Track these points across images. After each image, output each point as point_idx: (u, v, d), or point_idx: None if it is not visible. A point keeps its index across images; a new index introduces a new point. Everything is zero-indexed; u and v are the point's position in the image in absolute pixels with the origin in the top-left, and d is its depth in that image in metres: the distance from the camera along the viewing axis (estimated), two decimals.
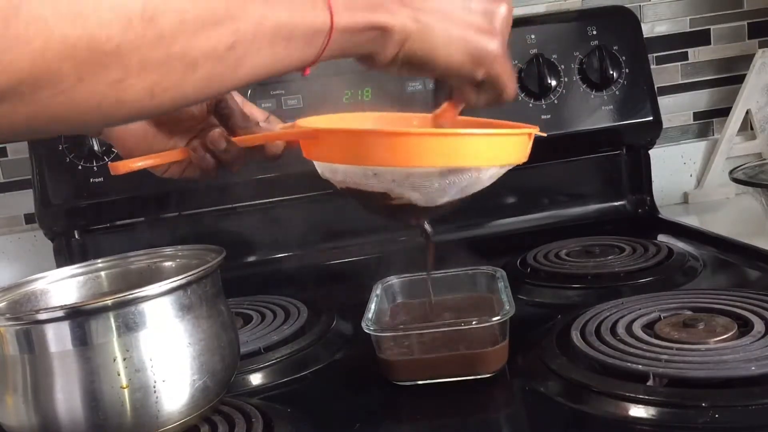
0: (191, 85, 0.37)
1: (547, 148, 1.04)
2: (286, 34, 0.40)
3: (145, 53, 0.34)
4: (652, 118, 1.07)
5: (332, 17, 0.42)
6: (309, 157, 0.57)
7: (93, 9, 0.31)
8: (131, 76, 0.34)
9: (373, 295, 0.72)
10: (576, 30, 1.07)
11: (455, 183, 0.55)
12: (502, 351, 0.63)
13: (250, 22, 0.38)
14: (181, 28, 0.35)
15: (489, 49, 0.49)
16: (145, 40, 0.33)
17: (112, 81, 0.34)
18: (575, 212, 1.11)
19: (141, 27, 0.33)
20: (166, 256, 0.65)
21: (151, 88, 0.35)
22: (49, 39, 0.30)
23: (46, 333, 0.50)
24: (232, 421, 0.58)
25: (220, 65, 0.38)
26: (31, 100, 0.32)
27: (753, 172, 1.01)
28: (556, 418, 0.57)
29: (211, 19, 0.36)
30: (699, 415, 0.51)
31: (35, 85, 0.32)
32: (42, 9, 0.30)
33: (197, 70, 0.37)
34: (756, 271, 0.84)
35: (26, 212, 1.17)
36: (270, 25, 0.39)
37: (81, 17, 0.31)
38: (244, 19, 0.38)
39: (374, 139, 0.53)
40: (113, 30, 0.32)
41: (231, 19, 0.37)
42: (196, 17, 0.35)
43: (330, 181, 0.59)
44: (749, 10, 1.21)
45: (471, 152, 0.53)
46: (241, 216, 1.07)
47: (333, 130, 0.56)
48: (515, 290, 0.74)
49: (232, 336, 0.58)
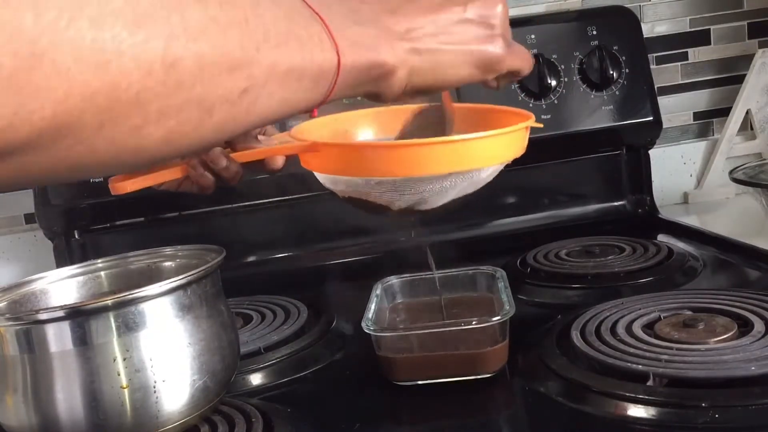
0: (207, 129, 0.37)
1: (547, 148, 1.05)
2: (297, 76, 0.40)
3: (164, 99, 0.34)
4: (652, 118, 1.07)
5: (339, 58, 0.42)
6: (308, 168, 0.58)
7: (115, 56, 0.31)
8: (150, 123, 0.34)
9: (373, 295, 0.72)
10: (576, 30, 1.07)
11: (456, 184, 0.55)
12: (502, 351, 0.63)
13: (263, 66, 0.38)
14: (199, 74, 0.35)
15: (493, 53, 0.49)
16: (165, 87, 0.33)
17: (132, 128, 0.33)
18: (575, 212, 1.11)
19: (162, 73, 0.33)
20: (166, 256, 0.65)
21: (168, 135, 0.35)
22: (71, 88, 0.30)
23: (46, 333, 0.50)
24: (232, 421, 0.58)
25: (234, 109, 0.38)
26: (51, 149, 0.32)
27: (753, 172, 1.01)
28: (556, 418, 0.57)
29: (228, 65, 0.36)
30: (699, 415, 0.51)
31: (57, 135, 0.31)
32: (64, 57, 0.29)
33: (213, 115, 0.37)
34: (756, 271, 0.84)
35: (26, 212, 1.16)
36: (282, 68, 0.39)
37: (103, 65, 0.31)
38: (258, 64, 0.38)
39: (373, 152, 0.53)
40: (134, 77, 0.32)
41: (246, 64, 0.37)
42: (213, 63, 0.35)
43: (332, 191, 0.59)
44: (749, 10, 1.21)
45: (470, 156, 0.52)
46: (241, 216, 1.07)
47: (331, 144, 0.56)
48: (515, 290, 0.74)
49: (232, 336, 0.58)
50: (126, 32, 0.31)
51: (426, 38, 0.47)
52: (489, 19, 0.49)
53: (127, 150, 0.34)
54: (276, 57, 0.39)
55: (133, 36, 0.31)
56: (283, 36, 0.39)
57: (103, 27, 0.30)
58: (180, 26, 0.33)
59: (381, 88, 0.47)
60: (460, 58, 0.48)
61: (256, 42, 0.37)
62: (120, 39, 0.31)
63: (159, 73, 0.33)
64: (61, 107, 0.30)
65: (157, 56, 0.32)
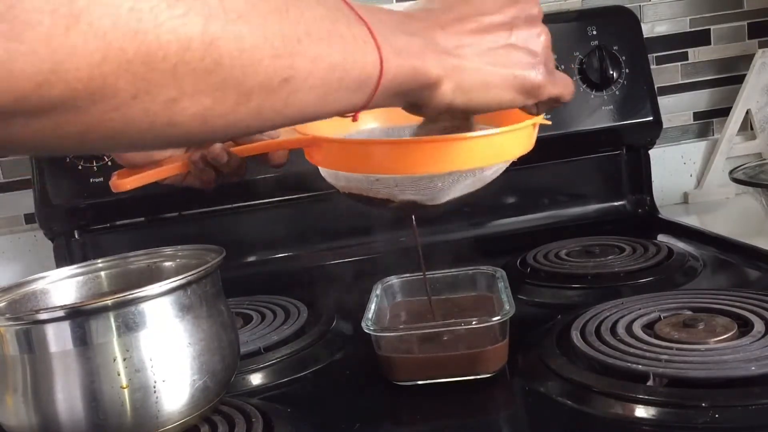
0: (243, 114, 0.37)
1: (547, 148, 1.05)
2: (339, 75, 0.40)
3: (201, 76, 0.34)
4: (652, 118, 1.07)
5: (382, 62, 0.42)
6: (312, 162, 0.57)
7: (153, 26, 0.31)
8: (185, 98, 0.34)
9: (373, 295, 0.72)
10: (576, 30, 1.07)
11: (459, 181, 0.54)
12: (502, 351, 0.63)
13: (306, 58, 0.38)
14: (239, 56, 0.35)
15: (534, 80, 0.49)
16: (203, 63, 0.33)
17: (166, 101, 0.33)
18: (575, 212, 1.11)
19: (200, 50, 0.33)
20: (166, 256, 0.65)
21: (204, 113, 0.35)
22: (107, 52, 0.30)
23: (46, 333, 0.50)
24: (232, 421, 0.58)
25: (273, 97, 0.37)
26: (86, 113, 0.32)
27: (753, 172, 1.01)
28: (556, 418, 0.57)
29: (269, 51, 0.36)
30: (699, 415, 0.51)
31: (90, 99, 0.31)
32: (102, 21, 0.30)
33: (250, 100, 0.36)
34: (756, 271, 0.84)
35: (26, 212, 1.16)
36: (324, 64, 0.39)
37: (140, 33, 0.31)
38: (300, 55, 0.37)
39: (376, 149, 0.52)
40: (171, 50, 0.32)
41: (288, 53, 0.37)
42: (253, 47, 0.35)
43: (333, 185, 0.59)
44: (749, 10, 1.21)
45: (475, 154, 0.52)
46: (241, 216, 1.07)
47: (334, 140, 0.56)
48: (515, 290, 0.74)
49: (232, 336, 0.58)
50: (164, 4, 0.31)
51: (473, 57, 0.47)
52: (532, 46, 0.49)
53: (161, 122, 0.34)
54: (319, 51, 0.38)
55: (171, 9, 0.32)
56: (325, 32, 0.39)
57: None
58: (219, 7, 0.34)
59: (424, 99, 0.46)
60: (504, 81, 0.48)
61: (298, 34, 0.37)
62: (158, 11, 0.31)
63: (198, 49, 0.33)
64: (97, 70, 0.30)
65: (195, 32, 0.33)
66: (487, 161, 0.54)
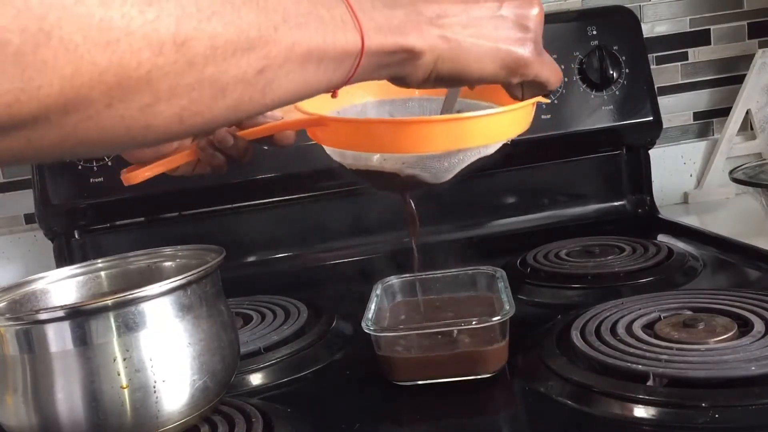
0: (221, 109, 0.37)
1: (547, 148, 1.05)
2: (317, 58, 0.40)
3: (175, 79, 0.33)
4: (652, 118, 1.07)
5: (363, 40, 0.42)
6: (315, 140, 0.57)
7: (125, 35, 0.31)
8: (161, 101, 0.34)
9: (373, 295, 0.72)
10: (576, 30, 1.07)
11: (465, 159, 0.55)
12: (502, 351, 0.63)
13: (282, 46, 0.37)
14: (212, 53, 0.34)
15: (521, 56, 0.49)
16: (176, 66, 0.33)
17: (142, 106, 0.33)
18: (575, 212, 1.11)
19: (172, 53, 0.33)
20: (166, 256, 0.65)
21: (181, 113, 0.35)
22: (78, 65, 0.30)
23: (46, 333, 0.50)
24: (232, 421, 0.58)
25: (250, 89, 0.37)
26: (59, 125, 0.32)
27: (753, 172, 1.01)
28: (556, 418, 0.57)
29: (244, 44, 0.36)
30: (699, 415, 0.51)
31: (63, 111, 0.31)
32: (72, 35, 0.29)
33: (227, 95, 0.36)
34: (756, 271, 0.84)
35: (26, 212, 1.16)
36: (302, 49, 0.39)
37: (112, 44, 0.31)
38: (276, 44, 0.37)
39: (382, 128, 0.52)
40: (144, 56, 0.32)
41: (263, 43, 0.36)
42: (227, 42, 0.35)
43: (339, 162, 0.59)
44: (749, 10, 1.21)
45: (478, 133, 0.53)
46: (241, 216, 1.07)
47: (340, 119, 0.56)
48: (515, 290, 0.74)
49: (232, 336, 0.58)
50: (136, 10, 0.31)
51: (456, 27, 0.46)
52: (523, 20, 0.49)
53: (137, 127, 0.34)
54: (295, 37, 0.38)
55: (143, 14, 0.31)
56: (303, 16, 0.39)
57: (112, 5, 0.30)
58: (193, 5, 0.33)
59: (406, 72, 0.46)
60: (487, 54, 0.47)
61: (274, 22, 0.37)
62: (129, 17, 0.31)
63: (170, 52, 0.33)
64: (69, 84, 0.30)
65: (168, 36, 0.32)
66: (492, 139, 0.54)
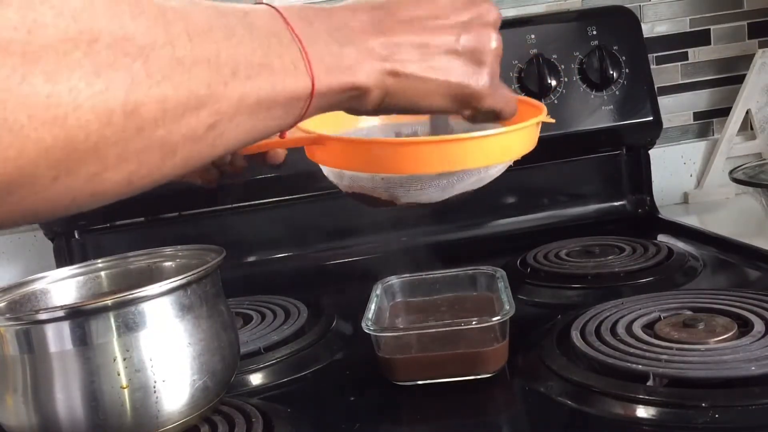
0: (169, 167, 0.36)
1: (547, 148, 1.05)
2: (267, 106, 0.39)
3: (123, 146, 0.32)
4: (652, 118, 1.07)
5: (314, 83, 0.41)
6: (313, 160, 0.57)
7: (72, 109, 0.30)
8: (109, 169, 0.33)
9: (373, 295, 0.72)
10: (576, 30, 1.07)
11: (463, 180, 0.54)
12: (502, 351, 0.63)
13: (231, 100, 0.37)
14: (162, 117, 0.33)
15: (473, 90, 0.48)
16: (125, 134, 0.32)
17: (89, 176, 0.32)
18: (575, 212, 1.11)
19: (121, 121, 0.32)
20: (166, 256, 0.65)
21: (129, 177, 0.34)
22: (23, 145, 0.29)
23: (46, 333, 0.50)
24: (232, 421, 0.58)
25: (200, 144, 0.37)
26: (2, 203, 0.31)
27: (753, 172, 1.01)
28: (556, 418, 0.57)
29: (193, 104, 0.35)
30: (699, 415, 0.51)
31: (8, 189, 0.30)
32: (17, 115, 0.28)
33: (176, 153, 0.35)
34: (756, 271, 0.84)
35: None
36: (251, 101, 0.38)
37: (59, 119, 0.30)
38: (225, 99, 0.36)
39: (381, 149, 0.52)
40: (92, 128, 0.31)
41: (213, 100, 0.36)
42: (178, 104, 0.34)
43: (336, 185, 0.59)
44: (749, 10, 1.21)
45: (479, 154, 0.52)
46: (241, 216, 1.07)
47: (337, 139, 0.56)
48: (515, 290, 0.74)
49: (232, 336, 0.58)
50: (84, 83, 0.30)
51: (408, 63, 0.46)
52: (479, 55, 0.48)
53: (84, 196, 0.33)
54: (244, 90, 0.37)
55: (91, 86, 0.30)
56: (255, 68, 0.38)
57: (59, 80, 0.29)
58: (142, 72, 0.32)
59: (354, 106, 0.46)
60: (438, 88, 0.47)
61: (224, 77, 0.36)
62: (77, 91, 0.30)
63: (119, 121, 0.32)
64: (13, 164, 0.29)
65: (117, 105, 0.31)
66: (492, 160, 0.53)
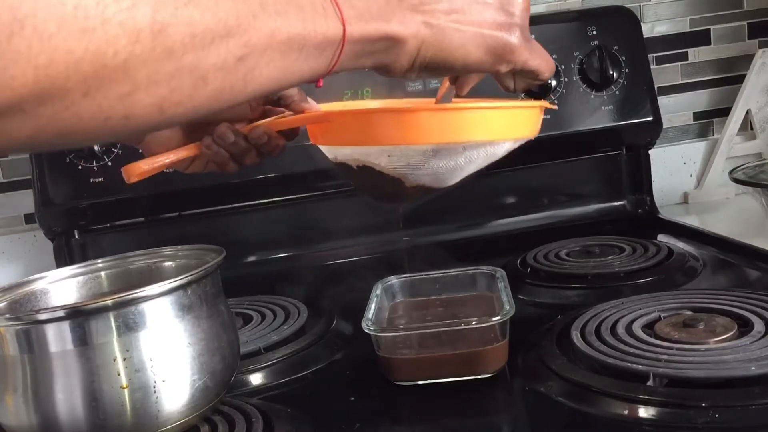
0: (201, 98, 0.36)
1: (547, 148, 1.05)
2: (298, 46, 0.39)
3: (153, 67, 0.33)
4: (652, 118, 1.07)
5: (345, 27, 0.41)
6: (317, 143, 0.57)
7: (100, 23, 0.30)
8: (139, 90, 0.33)
9: (373, 295, 0.72)
10: (576, 30, 1.07)
11: (471, 160, 0.53)
12: (502, 351, 0.63)
13: (261, 34, 0.37)
14: (191, 41, 0.34)
15: (507, 41, 0.48)
16: (154, 54, 0.33)
17: (120, 95, 0.33)
18: (575, 212, 1.11)
19: (150, 41, 0.32)
20: (166, 256, 0.65)
21: (161, 102, 0.35)
22: (53, 55, 0.30)
23: (46, 333, 0.50)
24: (232, 421, 0.58)
25: (231, 77, 0.37)
26: (34, 115, 0.31)
27: (753, 172, 1.01)
28: (556, 418, 0.57)
29: (222, 32, 0.35)
30: (699, 415, 0.51)
31: (39, 101, 0.31)
32: (47, 24, 0.29)
33: (207, 83, 0.36)
34: (756, 271, 0.84)
35: (26, 212, 1.16)
36: (282, 36, 0.38)
37: (87, 32, 0.30)
38: (255, 31, 0.37)
39: (385, 118, 0.52)
40: (120, 44, 0.31)
41: (242, 31, 0.36)
42: (206, 29, 0.34)
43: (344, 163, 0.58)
44: (749, 10, 1.21)
45: (483, 127, 0.52)
46: (241, 216, 1.07)
47: (343, 112, 0.56)
48: (515, 290, 0.74)
49: (232, 336, 0.58)
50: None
51: (439, 14, 0.45)
52: (508, 6, 0.48)
53: (116, 117, 0.34)
54: (275, 24, 0.38)
55: (117, 3, 0.31)
56: (282, 4, 0.38)
57: None
58: None
59: (389, 60, 0.46)
60: (471, 39, 0.47)
61: (252, 9, 0.37)
62: (104, 5, 0.31)
63: (147, 40, 0.32)
64: (44, 73, 0.30)
65: (144, 23, 0.32)
66: (494, 135, 0.53)
